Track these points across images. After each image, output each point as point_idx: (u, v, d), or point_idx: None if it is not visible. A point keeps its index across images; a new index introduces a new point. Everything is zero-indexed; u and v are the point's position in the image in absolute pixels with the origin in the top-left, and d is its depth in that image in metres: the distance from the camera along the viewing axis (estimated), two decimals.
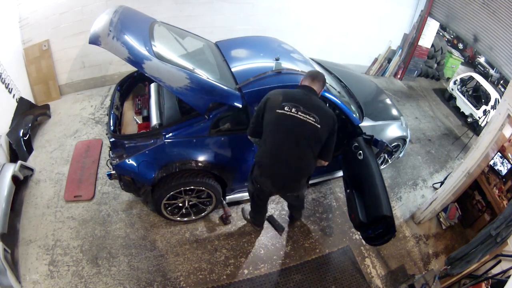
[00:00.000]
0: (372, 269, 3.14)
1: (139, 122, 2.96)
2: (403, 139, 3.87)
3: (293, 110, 2.11)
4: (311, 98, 2.21)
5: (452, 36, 10.21)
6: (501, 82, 9.18)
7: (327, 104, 3.50)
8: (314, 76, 2.32)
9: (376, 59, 6.56)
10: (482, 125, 5.82)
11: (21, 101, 3.78)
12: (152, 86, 3.17)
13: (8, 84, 3.53)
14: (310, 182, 3.55)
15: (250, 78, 2.67)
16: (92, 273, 2.67)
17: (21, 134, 3.42)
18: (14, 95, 3.66)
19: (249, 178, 2.57)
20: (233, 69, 2.89)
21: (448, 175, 3.75)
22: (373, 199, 2.65)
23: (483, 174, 3.45)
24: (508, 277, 2.38)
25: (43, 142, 3.72)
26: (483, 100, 6.39)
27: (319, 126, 2.13)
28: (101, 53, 3.24)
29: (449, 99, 6.84)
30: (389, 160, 4.16)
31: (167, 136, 2.55)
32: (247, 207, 3.21)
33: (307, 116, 2.11)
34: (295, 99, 2.15)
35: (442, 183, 3.88)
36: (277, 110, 2.13)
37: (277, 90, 2.29)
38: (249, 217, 3.17)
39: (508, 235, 2.57)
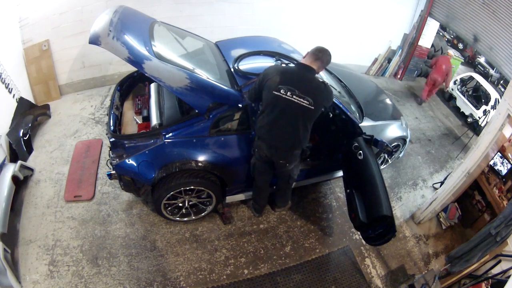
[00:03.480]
0: (372, 269, 3.14)
1: (139, 122, 2.96)
2: (403, 139, 3.87)
3: (289, 93, 2.24)
4: (308, 79, 2.27)
5: (452, 36, 10.21)
6: (501, 82, 9.17)
7: None
8: (316, 55, 2.30)
9: (376, 59, 6.56)
10: (482, 125, 5.82)
11: (21, 101, 3.77)
12: (152, 86, 3.17)
13: (8, 84, 3.53)
14: (310, 182, 3.56)
15: (251, 80, 2.68)
16: (92, 273, 2.67)
17: (21, 134, 3.42)
18: (14, 95, 3.66)
19: (252, 150, 2.71)
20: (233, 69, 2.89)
21: (448, 175, 3.75)
22: (373, 199, 2.65)
23: (483, 174, 3.45)
24: (508, 277, 2.38)
25: (43, 142, 3.72)
26: (483, 100, 6.39)
27: (313, 107, 2.27)
28: (101, 53, 3.25)
29: (449, 99, 6.84)
30: (389, 160, 4.16)
31: (167, 136, 2.55)
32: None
33: (302, 100, 2.24)
34: (292, 82, 2.25)
35: (442, 183, 3.88)
36: (274, 92, 2.27)
37: (275, 67, 2.39)
38: (251, 205, 3.29)
39: (507, 234, 2.57)
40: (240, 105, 2.58)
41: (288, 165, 2.66)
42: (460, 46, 10.37)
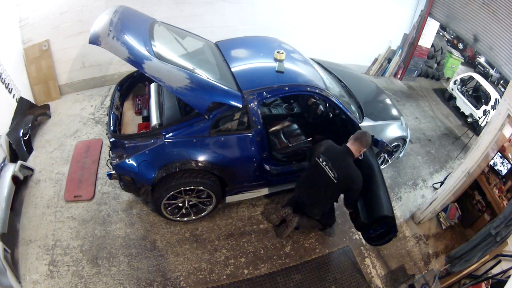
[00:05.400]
0: (372, 269, 3.14)
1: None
2: (403, 139, 3.87)
3: (324, 163, 2.64)
4: (343, 159, 2.62)
5: (452, 36, 10.19)
6: (501, 82, 9.16)
7: (327, 104, 3.52)
8: (355, 138, 2.64)
9: (376, 59, 6.56)
10: (482, 125, 5.82)
11: (21, 101, 3.77)
12: (152, 86, 3.17)
13: (8, 84, 3.53)
14: None
15: (255, 88, 2.70)
16: (92, 273, 2.67)
17: (21, 134, 3.42)
18: (14, 95, 3.65)
19: None
20: (233, 69, 2.89)
21: (448, 175, 3.75)
22: (374, 199, 2.66)
23: (483, 174, 3.45)
24: (508, 277, 2.38)
25: (43, 142, 3.72)
26: (483, 100, 6.38)
27: (336, 181, 2.60)
28: (101, 53, 3.25)
29: (449, 99, 6.83)
30: (389, 160, 4.16)
31: (167, 136, 2.55)
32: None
33: (330, 171, 2.61)
34: (330, 155, 2.65)
35: (442, 183, 3.87)
36: (316, 158, 2.70)
37: (327, 142, 2.78)
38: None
39: (507, 234, 2.56)
40: (240, 105, 2.58)
41: (312, 214, 2.99)
42: (460, 46, 10.36)
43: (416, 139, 5.11)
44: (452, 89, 6.78)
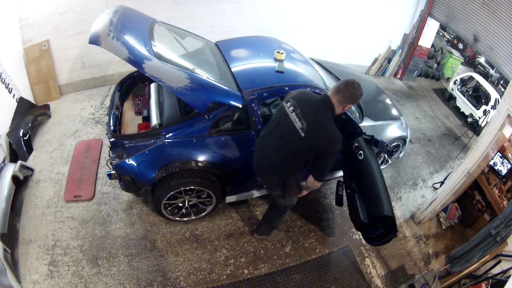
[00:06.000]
0: (372, 269, 3.14)
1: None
2: (403, 139, 3.87)
3: (291, 108, 2.09)
4: (317, 108, 2.03)
5: (452, 36, 10.20)
6: (501, 82, 9.16)
7: None
8: (339, 87, 2.03)
9: (376, 59, 6.56)
10: (482, 125, 5.82)
11: (21, 101, 3.77)
12: (152, 86, 3.17)
13: (8, 84, 3.53)
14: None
15: (255, 88, 2.68)
16: (92, 273, 2.67)
17: (21, 134, 3.42)
18: (14, 95, 3.66)
19: None
20: (233, 69, 2.89)
21: (448, 175, 3.76)
22: (374, 199, 2.65)
23: (483, 174, 3.45)
24: (508, 277, 2.38)
25: (43, 142, 3.72)
26: (483, 100, 6.38)
27: (303, 135, 2.02)
28: (101, 53, 3.24)
29: (449, 99, 6.83)
30: (389, 160, 4.16)
31: (167, 136, 2.55)
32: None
33: (296, 120, 2.04)
34: (301, 101, 2.09)
35: (442, 183, 3.88)
36: (284, 102, 2.17)
37: (302, 90, 2.32)
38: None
39: (507, 234, 2.56)
40: (240, 105, 2.58)
41: (268, 189, 2.61)
42: (460, 46, 10.36)
43: (416, 139, 5.11)
44: (452, 89, 6.78)
